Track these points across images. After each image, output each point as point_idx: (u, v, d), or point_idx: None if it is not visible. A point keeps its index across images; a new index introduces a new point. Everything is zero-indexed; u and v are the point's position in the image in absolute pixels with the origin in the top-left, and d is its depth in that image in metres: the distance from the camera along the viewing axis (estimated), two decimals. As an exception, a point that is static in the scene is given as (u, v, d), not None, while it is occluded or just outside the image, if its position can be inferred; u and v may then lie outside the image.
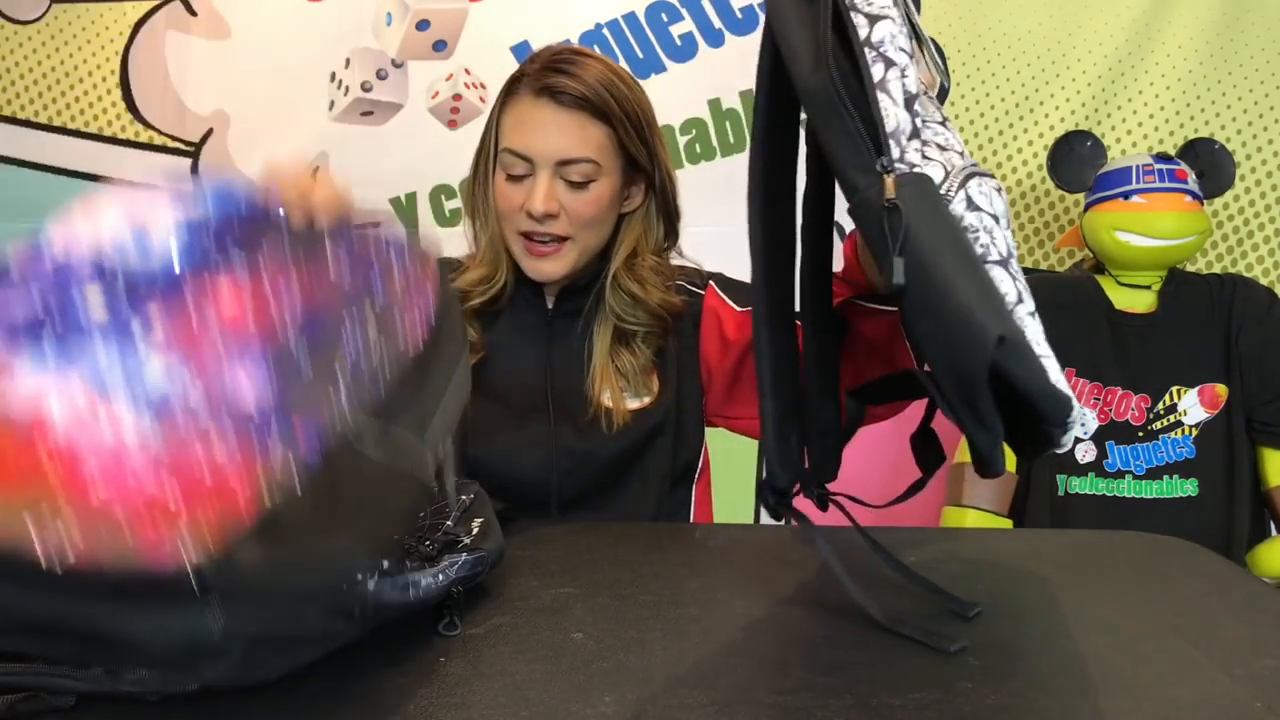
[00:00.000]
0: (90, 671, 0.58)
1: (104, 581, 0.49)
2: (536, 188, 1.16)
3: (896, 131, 0.71)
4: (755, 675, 0.68)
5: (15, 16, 2.30)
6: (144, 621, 0.50)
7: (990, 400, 0.63)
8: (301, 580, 0.55)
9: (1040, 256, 2.23)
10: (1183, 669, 0.70)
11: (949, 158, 0.73)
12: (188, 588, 0.48)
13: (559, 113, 1.16)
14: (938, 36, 2.19)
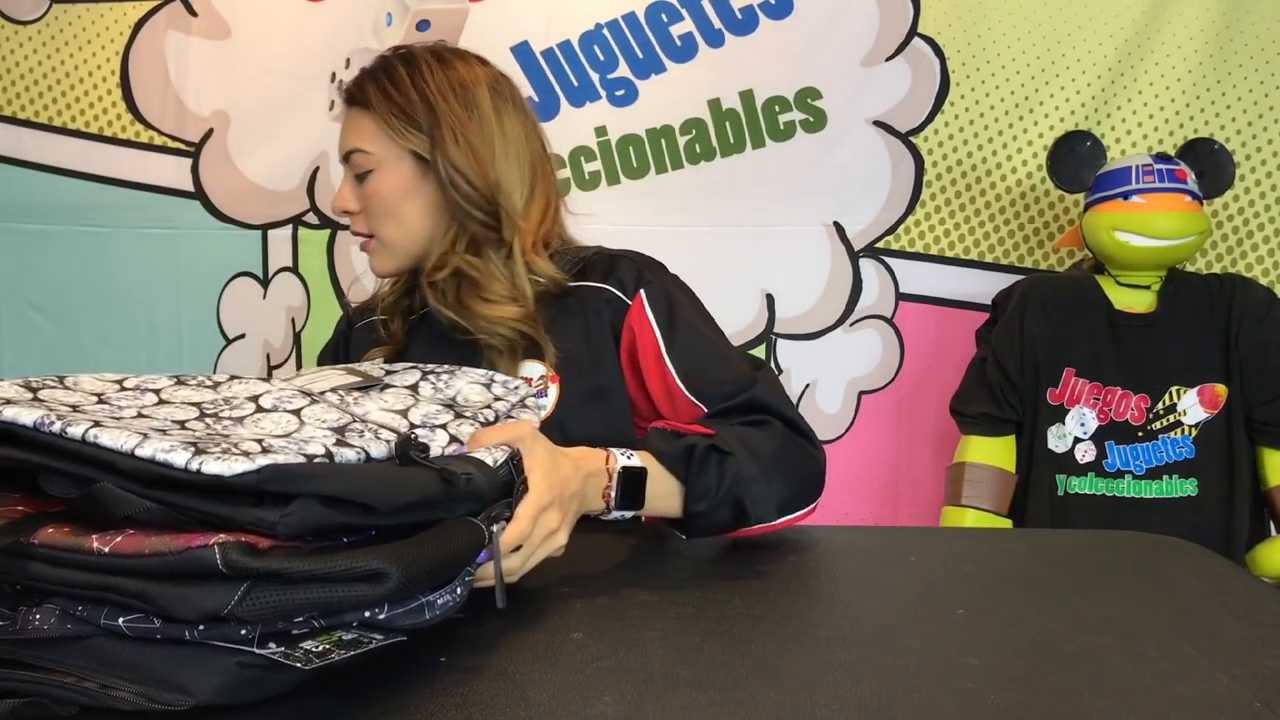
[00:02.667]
0: (90, 685, 0.59)
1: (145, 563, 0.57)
2: (339, 187, 1.24)
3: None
4: (755, 675, 0.68)
5: (15, 16, 2.30)
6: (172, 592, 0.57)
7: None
8: (318, 590, 0.58)
9: (1040, 256, 2.23)
10: (1183, 669, 0.70)
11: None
12: (215, 569, 0.56)
13: (348, 112, 1.21)
14: (937, 36, 2.19)
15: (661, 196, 2.22)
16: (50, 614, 0.61)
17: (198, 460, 0.58)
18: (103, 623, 0.59)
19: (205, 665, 0.59)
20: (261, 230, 2.30)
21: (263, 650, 0.58)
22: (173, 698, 0.58)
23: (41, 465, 0.62)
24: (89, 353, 2.35)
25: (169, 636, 0.59)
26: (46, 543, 0.60)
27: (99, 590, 0.59)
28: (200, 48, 2.27)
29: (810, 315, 2.27)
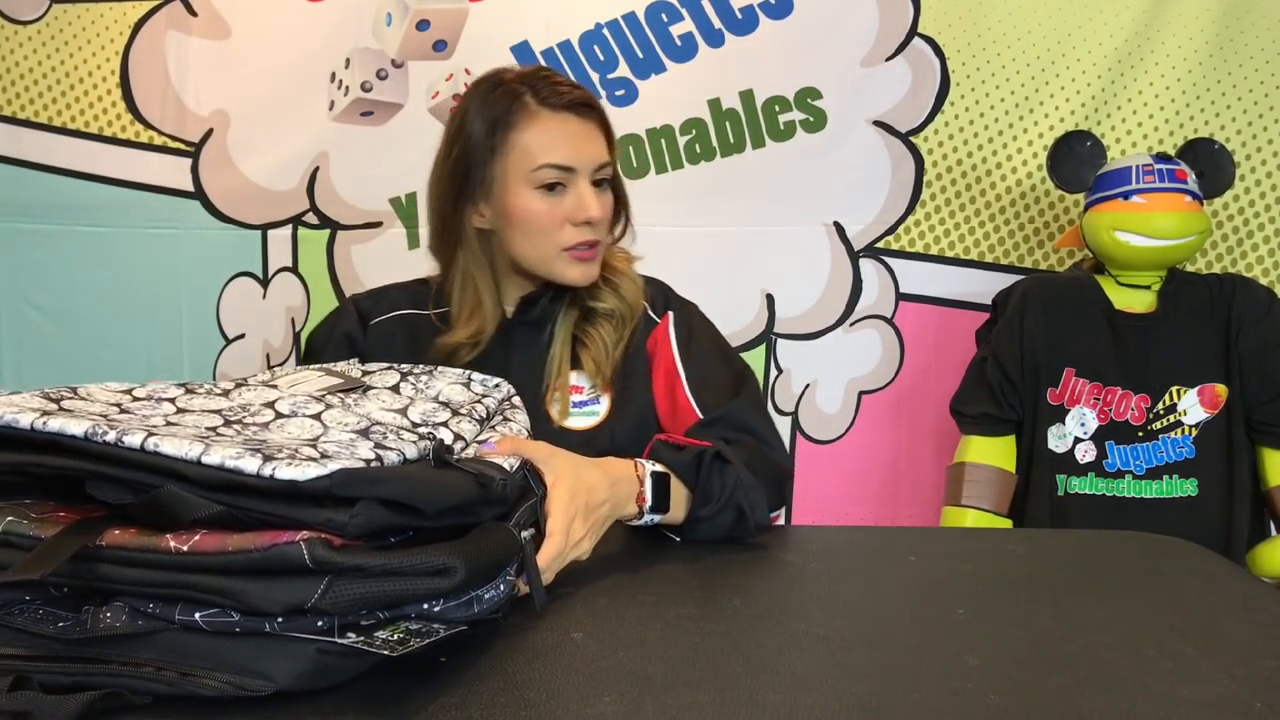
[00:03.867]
0: (170, 674, 0.62)
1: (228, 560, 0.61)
2: (586, 196, 1.20)
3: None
4: (755, 675, 0.68)
5: (15, 16, 2.30)
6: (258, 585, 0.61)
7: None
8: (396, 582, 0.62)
9: (1040, 256, 2.23)
10: (1183, 669, 0.70)
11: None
12: (301, 563, 0.60)
13: (583, 124, 1.21)
14: (938, 36, 2.19)
15: (662, 196, 2.22)
16: (120, 611, 0.63)
17: (269, 466, 0.61)
18: (177, 618, 0.62)
19: (285, 654, 0.62)
20: (261, 230, 2.30)
21: (343, 640, 0.62)
22: (255, 683, 0.61)
23: (93, 473, 0.64)
24: (89, 353, 2.35)
25: (248, 629, 0.62)
26: (115, 544, 0.62)
27: (177, 588, 0.61)
28: (200, 48, 2.27)
29: (810, 315, 2.27)
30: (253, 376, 0.84)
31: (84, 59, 2.30)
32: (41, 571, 0.60)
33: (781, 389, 2.28)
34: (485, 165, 1.21)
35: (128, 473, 0.64)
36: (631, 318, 1.27)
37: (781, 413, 2.28)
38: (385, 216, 2.27)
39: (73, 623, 0.63)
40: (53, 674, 0.62)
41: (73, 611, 0.64)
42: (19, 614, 0.64)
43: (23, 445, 0.66)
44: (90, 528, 0.63)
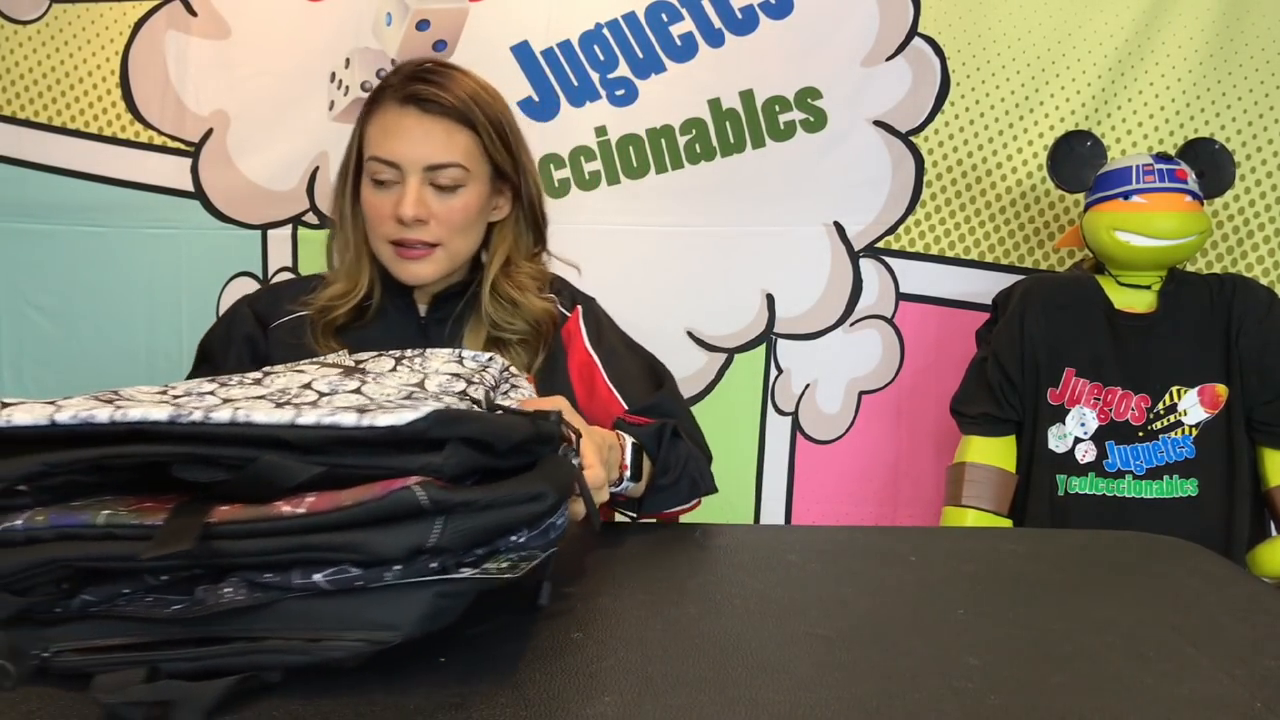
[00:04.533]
0: (295, 643, 0.63)
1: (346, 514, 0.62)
2: (406, 193, 1.19)
3: None
4: (755, 675, 0.68)
5: (15, 16, 2.30)
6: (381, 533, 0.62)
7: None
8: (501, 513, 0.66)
9: (1040, 256, 2.23)
10: (1183, 669, 0.70)
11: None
12: (416, 506, 0.62)
13: (424, 119, 1.20)
14: (938, 36, 2.19)
15: (662, 196, 2.22)
16: (239, 585, 0.63)
17: (367, 417, 0.64)
18: (297, 583, 0.63)
19: (407, 601, 0.64)
20: (261, 230, 2.30)
21: (458, 575, 0.65)
22: (384, 635, 0.63)
23: (185, 455, 0.65)
24: (89, 353, 2.35)
25: (369, 582, 0.63)
26: (226, 519, 0.63)
27: (297, 551, 0.63)
28: (200, 47, 2.27)
29: (810, 315, 2.27)
30: (244, 376, 0.84)
31: (84, 59, 2.30)
32: (186, 544, 0.61)
33: (781, 389, 2.27)
34: (351, 151, 1.26)
35: (218, 449, 0.65)
36: (541, 337, 1.27)
37: (781, 413, 2.28)
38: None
39: (188, 604, 0.64)
40: (177, 660, 0.63)
41: (184, 594, 0.64)
42: (124, 604, 0.65)
43: (99, 440, 0.66)
44: (195, 508, 0.64)
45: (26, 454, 0.66)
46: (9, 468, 0.66)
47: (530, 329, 1.26)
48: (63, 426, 0.66)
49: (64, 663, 0.64)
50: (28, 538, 0.64)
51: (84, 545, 0.64)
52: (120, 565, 0.64)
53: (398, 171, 1.20)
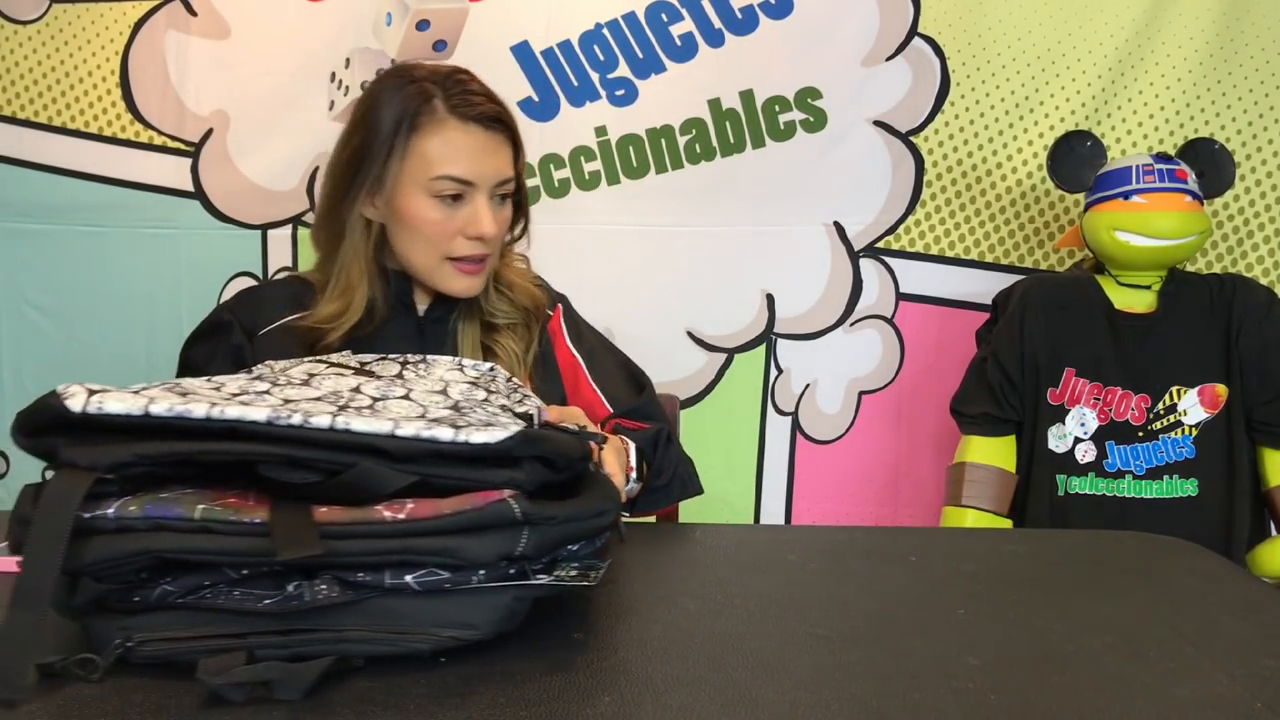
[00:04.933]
0: (382, 635, 0.67)
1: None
2: (482, 211, 1.19)
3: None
4: (755, 675, 0.68)
5: (15, 16, 2.30)
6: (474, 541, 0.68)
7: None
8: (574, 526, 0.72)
9: (1040, 256, 2.23)
10: (1183, 669, 0.70)
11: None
12: (510, 517, 0.67)
13: (490, 137, 1.19)
14: (938, 36, 2.19)
15: (661, 196, 2.22)
16: (333, 583, 0.67)
17: (462, 434, 0.68)
18: (389, 583, 0.67)
19: (486, 604, 0.69)
20: (261, 230, 2.30)
21: (535, 581, 0.71)
22: (465, 634, 0.69)
23: (280, 457, 0.67)
24: (89, 353, 2.35)
25: (456, 584, 0.68)
26: (327, 520, 0.66)
27: (396, 554, 0.67)
28: (200, 47, 2.27)
29: (810, 315, 2.27)
30: (289, 375, 0.83)
31: (84, 59, 2.30)
32: (316, 548, 0.64)
33: (781, 389, 2.28)
34: (383, 161, 1.18)
35: (317, 454, 0.67)
36: (534, 322, 1.29)
37: (781, 413, 2.28)
38: (385, 216, 2.27)
39: (280, 599, 0.67)
40: (267, 647, 0.66)
41: (274, 589, 0.67)
42: (210, 597, 0.67)
43: (190, 434, 0.68)
44: (298, 509, 0.67)
45: (116, 443, 0.67)
46: (100, 455, 0.66)
47: (521, 315, 1.28)
48: (156, 418, 0.67)
49: (148, 652, 0.66)
50: (119, 526, 0.66)
51: (180, 538, 0.66)
52: (214, 559, 0.66)
53: (468, 189, 1.19)
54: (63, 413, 0.66)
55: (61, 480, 0.66)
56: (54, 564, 0.62)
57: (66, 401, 0.67)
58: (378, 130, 1.18)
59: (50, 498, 0.65)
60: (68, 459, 0.67)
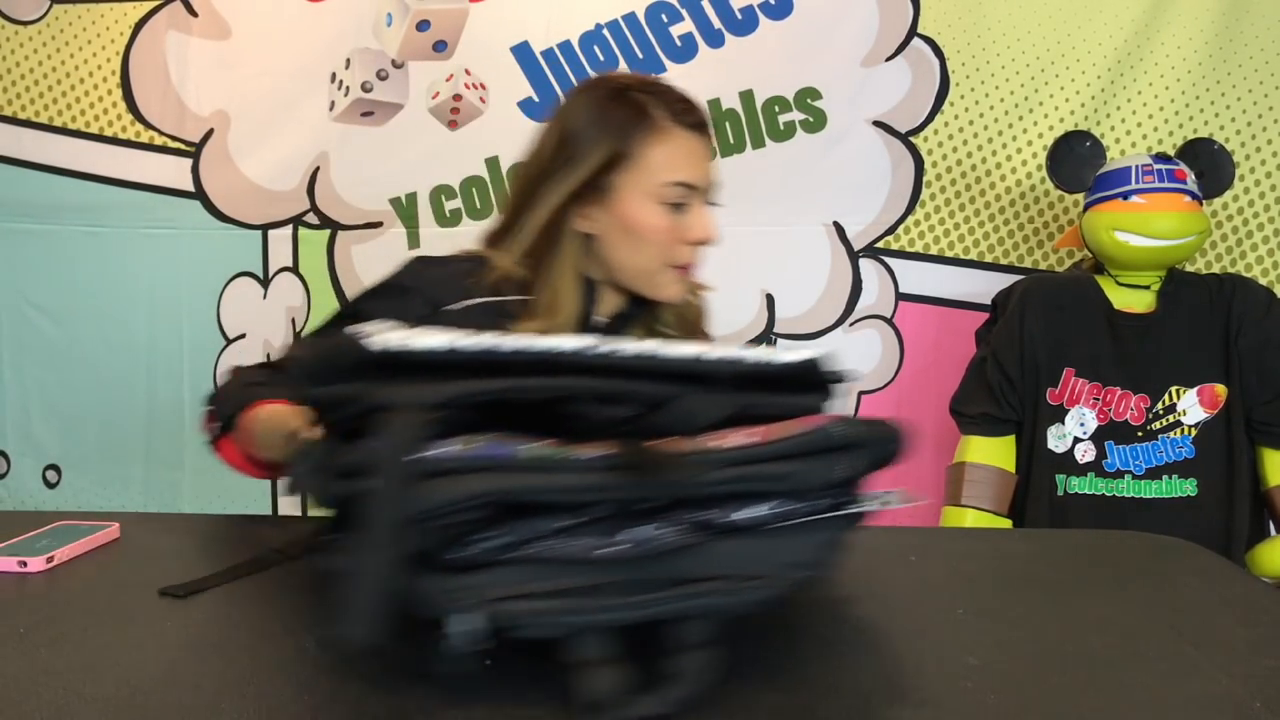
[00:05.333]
0: (718, 585, 0.64)
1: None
2: (703, 217, 1.19)
3: None
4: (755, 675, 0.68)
5: (15, 16, 2.30)
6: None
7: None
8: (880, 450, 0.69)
9: (1040, 256, 2.23)
10: (1183, 669, 0.70)
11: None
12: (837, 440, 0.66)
13: (703, 142, 1.22)
14: (937, 36, 2.19)
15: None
16: (665, 526, 0.62)
17: (767, 355, 0.68)
18: (735, 519, 0.64)
19: (815, 539, 0.67)
20: (261, 230, 2.30)
21: (851, 511, 0.68)
22: (799, 574, 0.66)
23: (595, 391, 0.64)
24: (89, 353, 2.35)
25: (788, 519, 0.65)
26: (677, 451, 0.63)
27: (734, 483, 0.63)
28: (200, 48, 2.27)
29: (810, 315, 2.27)
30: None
31: (84, 59, 2.30)
32: (689, 472, 0.61)
33: (781, 389, 2.28)
34: (606, 172, 1.17)
35: (626, 384, 0.65)
36: (695, 334, 1.30)
37: (781, 413, 2.28)
38: (385, 216, 2.28)
39: (612, 544, 0.62)
40: (616, 611, 0.62)
41: (602, 535, 0.62)
42: (533, 547, 0.61)
43: (497, 372, 0.63)
44: (634, 443, 0.62)
45: (427, 382, 0.62)
46: (422, 394, 0.60)
47: (686, 327, 1.29)
48: (463, 353, 0.62)
49: (506, 611, 0.60)
50: (452, 468, 0.59)
51: (518, 477, 0.60)
52: (560, 499, 0.61)
53: (691, 194, 1.19)
54: (363, 353, 0.61)
55: (396, 420, 0.59)
56: (405, 507, 0.57)
57: (366, 341, 0.61)
58: (596, 141, 1.17)
59: (392, 436, 0.58)
60: (383, 400, 0.60)
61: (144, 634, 0.74)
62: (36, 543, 0.92)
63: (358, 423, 0.62)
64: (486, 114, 2.23)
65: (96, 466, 2.38)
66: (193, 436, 2.40)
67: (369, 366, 0.62)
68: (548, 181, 1.19)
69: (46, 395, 2.38)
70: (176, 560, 0.92)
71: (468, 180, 2.25)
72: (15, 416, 2.40)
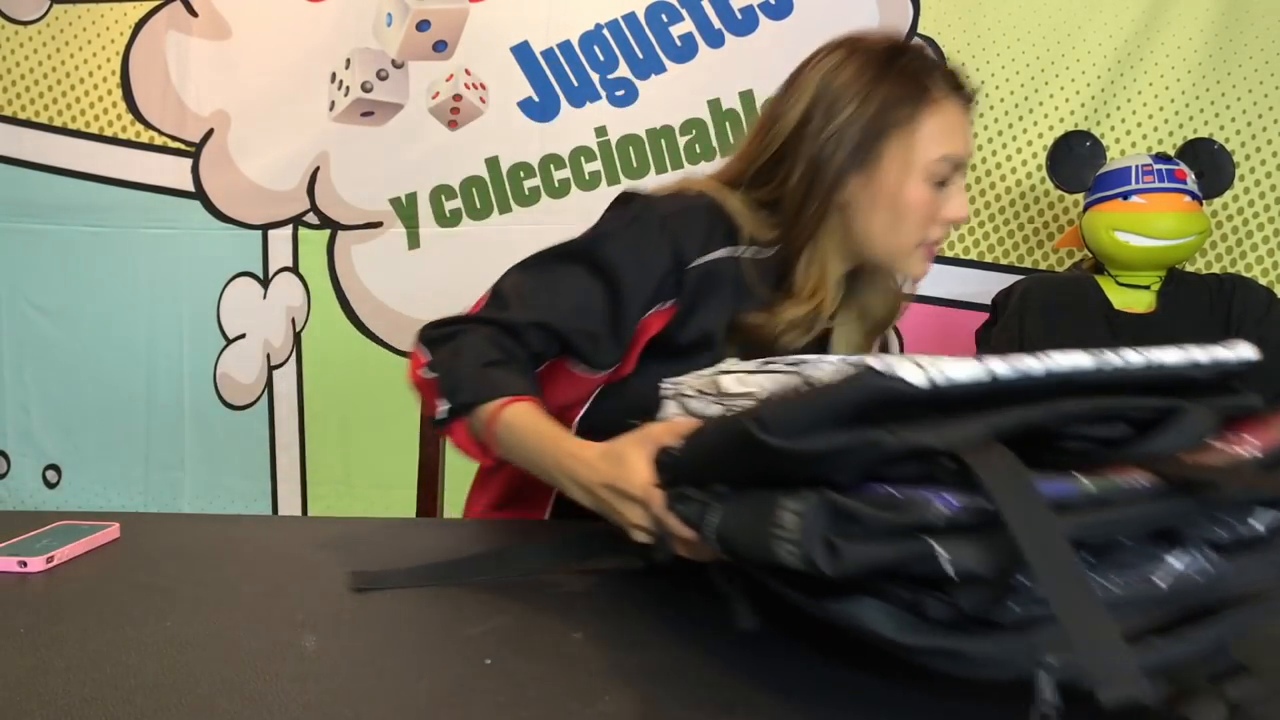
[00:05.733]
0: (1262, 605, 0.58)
1: None
2: (961, 195, 1.10)
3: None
4: (756, 675, 0.68)
5: (15, 16, 2.30)
6: None
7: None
8: None
9: (1040, 256, 2.24)
10: (1182, 669, 0.70)
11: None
12: None
13: (971, 115, 1.12)
14: (937, 36, 2.19)
15: (661, 196, 2.22)
16: (1194, 552, 0.58)
17: (1212, 354, 0.64)
18: (1243, 534, 0.59)
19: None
20: (261, 230, 2.30)
21: None
22: None
23: (1104, 409, 0.60)
24: (89, 353, 2.35)
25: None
26: (1201, 466, 0.59)
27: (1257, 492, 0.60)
28: (200, 48, 2.27)
29: (810, 315, 2.27)
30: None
31: (84, 59, 2.30)
32: (1248, 494, 0.58)
33: (781, 389, 2.28)
34: (878, 141, 1.07)
35: (1131, 401, 0.61)
36: (886, 326, 1.24)
37: (781, 413, 2.28)
38: (385, 216, 2.28)
39: (1135, 577, 0.56)
40: (1172, 648, 0.55)
41: (1126, 569, 0.56)
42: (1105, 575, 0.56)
43: (1020, 398, 0.59)
44: (1177, 464, 0.58)
45: (959, 418, 0.57)
46: (952, 433, 0.56)
47: (888, 315, 1.22)
48: (1003, 382, 0.58)
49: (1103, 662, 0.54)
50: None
51: (1095, 514, 0.55)
52: (1125, 534, 0.57)
53: (956, 172, 1.09)
54: (905, 391, 0.55)
55: (992, 460, 0.54)
56: (1065, 545, 0.51)
57: (907, 376, 0.56)
58: (867, 108, 1.07)
59: (1000, 478, 0.53)
60: (915, 443, 0.55)
61: (144, 634, 0.74)
62: (36, 543, 0.92)
63: (851, 473, 0.57)
64: (486, 114, 2.24)
65: (96, 466, 2.38)
66: (193, 436, 2.40)
67: (873, 409, 0.57)
68: (808, 145, 1.08)
69: (46, 395, 2.38)
70: (176, 560, 0.92)
71: (468, 180, 2.25)
72: (15, 416, 2.40)
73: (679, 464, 0.71)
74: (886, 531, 0.54)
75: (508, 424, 0.94)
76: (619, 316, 1.05)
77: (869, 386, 0.56)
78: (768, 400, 0.65)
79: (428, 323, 1.05)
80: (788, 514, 0.57)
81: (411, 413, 1.25)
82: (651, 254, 1.06)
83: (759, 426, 0.58)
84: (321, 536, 1.00)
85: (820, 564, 0.55)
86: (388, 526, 1.08)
